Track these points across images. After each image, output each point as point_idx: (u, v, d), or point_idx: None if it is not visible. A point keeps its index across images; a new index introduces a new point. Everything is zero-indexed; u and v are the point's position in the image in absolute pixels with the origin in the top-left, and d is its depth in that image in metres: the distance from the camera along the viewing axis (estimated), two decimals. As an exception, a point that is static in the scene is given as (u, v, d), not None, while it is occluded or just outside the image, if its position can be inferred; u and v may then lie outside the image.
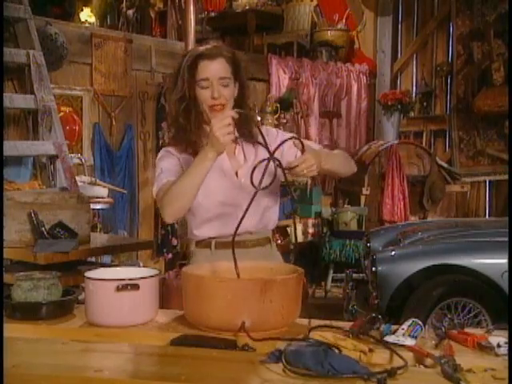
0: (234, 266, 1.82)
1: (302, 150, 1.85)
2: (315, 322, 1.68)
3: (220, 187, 1.98)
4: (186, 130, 2.00)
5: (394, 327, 1.60)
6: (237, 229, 1.72)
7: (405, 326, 1.60)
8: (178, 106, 1.99)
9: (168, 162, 2.00)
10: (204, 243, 2.06)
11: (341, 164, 2.08)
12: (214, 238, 2.03)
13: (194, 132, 2.00)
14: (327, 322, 1.68)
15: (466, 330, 1.61)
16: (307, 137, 6.84)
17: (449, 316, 3.66)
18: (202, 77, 1.95)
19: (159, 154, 2.06)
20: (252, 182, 1.72)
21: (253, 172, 1.73)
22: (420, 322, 1.62)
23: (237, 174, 2.03)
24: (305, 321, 1.71)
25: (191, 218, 2.07)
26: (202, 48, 1.98)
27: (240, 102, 2.04)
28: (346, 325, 1.64)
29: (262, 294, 1.56)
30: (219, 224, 2.00)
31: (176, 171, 1.97)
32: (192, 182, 1.85)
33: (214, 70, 1.95)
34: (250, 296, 1.57)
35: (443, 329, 1.59)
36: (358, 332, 1.56)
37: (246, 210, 1.71)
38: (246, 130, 2.04)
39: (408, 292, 3.80)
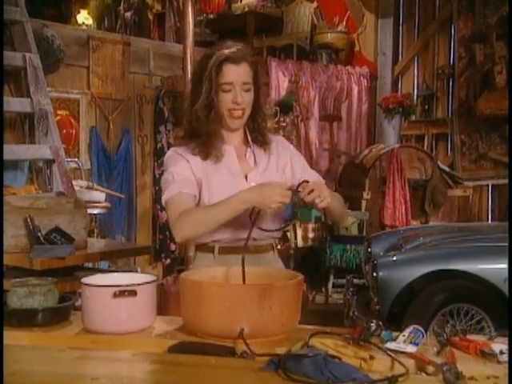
0: (232, 271, 1.83)
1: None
2: (315, 329, 1.68)
3: (228, 190, 1.96)
4: (201, 129, 1.99)
5: (395, 334, 1.60)
6: (247, 240, 1.75)
7: (406, 332, 1.60)
8: (205, 112, 1.98)
9: (179, 166, 1.99)
10: (206, 248, 2.03)
11: (341, 206, 2.09)
12: (217, 242, 2.01)
13: (210, 133, 2.00)
14: (327, 329, 1.67)
15: (469, 336, 1.61)
16: (307, 140, 6.85)
17: (451, 322, 3.66)
18: (227, 80, 1.96)
19: (168, 153, 2.05)
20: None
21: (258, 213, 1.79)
22: (421, 329, 1.62)
23: (246, 177, 2.03)
24: (305, 327, 1.71)
25: None
26: (228, 51, 1.99)
27: (256, 108, 2.05)
28: (347, 331, 1.64)
29: (261, 300, 1.56)
30: (224, 228, 1.97)
31: (187, 179, 1.97)
32: (216, 218, 1.87)
33: (239, 74, 1.97)
34: (249, 302, 1.57)
35: (445, 335, 1.59)
36: (359, 339, 1.56)
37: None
38: (258, 134, 2.07)
39: (409, 298, 3.80)
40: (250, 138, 2.07)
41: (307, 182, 1.84)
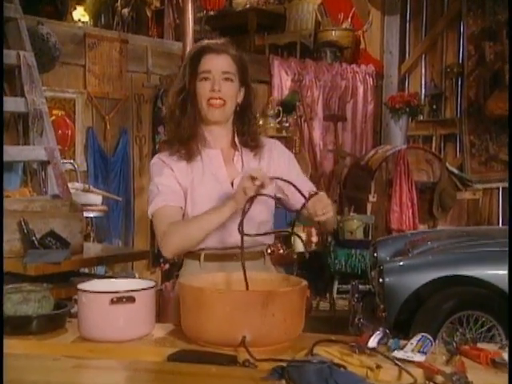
0: (233, 277, 1.83)
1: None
2: (319, 337, 1.67)
3: (213, 196, 1.96)
4: (181, 126, 1.99)
5: (402, 342, 1.60)
6: (243, 266, 1.73)
7: (414, 340, 1.60)
8: (175, 98, 1.99)
9: (164, 175, 1.98)
10: (193, 255, 2.02)
11: (335, 216, 2.02)
12: (203, 249, 2.00)
13: (188, 129, 1.99)
14: (332, 337, 1.67)
15: (479, 345, 1.60)
16: (311, 141, 6.85)
17: (460, 330, 3.66)
18: (204, 69, 1.96)
19: (152, 161, 2.05)
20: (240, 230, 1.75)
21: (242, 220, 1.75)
22: (430, 337, 1.62)
23: (232, 183, 2.00)
24: (309, 335, 1.71)
25: None
26: (207, 41, 2.01)
27: (245, 108, 2.04)
28: (352, 339, 1.64)
29: (263, 306, 1.56)
30: (209, 235, 1.95)
31: (173, 190, 1.96)
32: (202, 229, 1.90)
33: (218, 63, 1.97)
34: (251, 309, 1.57)
35: (454, 344, 1.58)
36: (365, 347, 1.56)
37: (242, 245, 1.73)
38: (248, 137, 2.04)
39: (417, 305, 3.79)
40: (238, 141, 2.05)
41: (316, 193, 1.81)
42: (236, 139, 2.05)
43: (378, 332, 1.61)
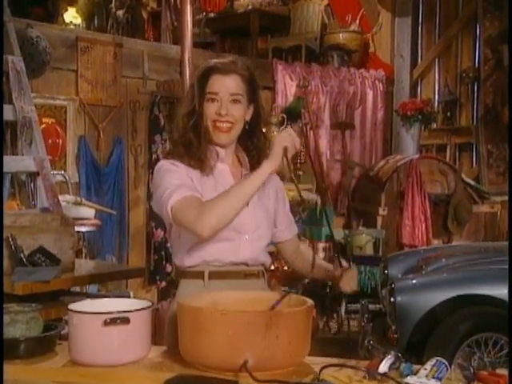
0: (234, 296, 1.83)
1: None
2: (327, 361, 1.67)
3: None
4: (193, 145, 2.03)
5: (415, 367, 1.60)
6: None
7: (428, 365, 1.59)
8: (186, 120, 2.04)
9: (179, 174, 1.99)
10: (193, 273, 2.03)
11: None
12: (206, 265, 2.02)
13: (200, 148, 2.03)
14: (340, 361, 1.67)
15: (498, 370, 1.60)
16: (317, 150, 6.86)
17: (478, 354, 3.62)
18: (212, 90, 2.01)
19: (161, 166, 2.04)
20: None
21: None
22: (445, 362, 1.61)
23: None
24: (315, 359, 1.70)
25: (180, 242, 2.04)
26: (215, 60, 2.05)
27: (253, 126, 2.10)
28: (362, 363, 1.63)
29: (267, 328, 1.56)
30: (216, 250, 1.99)
31: (191, 186, 1.97)
32: (242, 197, 1.89)
33: (225, 84, 2.01)
34: (254, 331, 1.57)
35: (472, 369, 1.58)
36: (376, 372, 1.55)
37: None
38: (254, 161, 2.09)
39: (431, 326, 3.78)
40: (246, 159, 2.11)
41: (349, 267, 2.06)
42: (245, 158, 2.11)
43: (389, 356, 1.61)
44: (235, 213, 1.89)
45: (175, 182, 1.95)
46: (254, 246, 2.04)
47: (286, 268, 5.78)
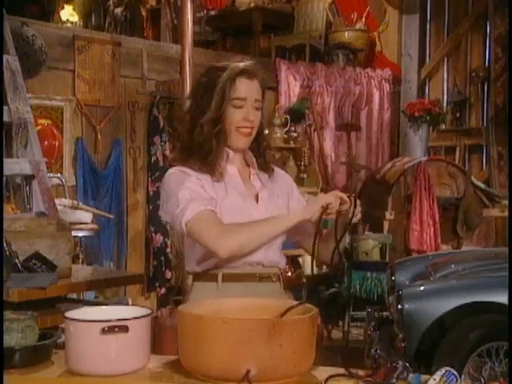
0: (236, 303, 1.83)
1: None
2: (332, 370, 1.67)
3: (239, 209, 2.05)
4: (211, 152, 2.06)
5: (424, 377, 1.59)
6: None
7: (437, 375, 1.59)
8: (210, 127, 2.04)
9: (192, 183, 2.02)
10: (207, 276, 2.07)
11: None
12: (220, 267, 2.05)
13: (218, 155, 2.07)
14: (346, 370, 1.67)
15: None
16: (321, 152, 6.87)
17: (489, 364, 3.63)
18: (239, 95, 2.04)
19: (171, 175, 2.07)
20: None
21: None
22: (455, 372, 1.61)
23: (257, 198, 2.11)
24: (320, 368, 1.70)
25: (195, 248, 2.07)
26: (243, 64, 2.07)
27: (260, 130, 2.14)
28: (368, 373, 1.63)
29: (270, 337, 1.56)
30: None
31: (204, 196, 2.01)
32: (267, 234, 2.00)
33: (252, 90, 2.06)
34: (257, 340, 1.56)
35: (482, 380, 1.58)
36: (382, 382, 1.55)
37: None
38: (262, 160, 2.17)
39: (440, 334, 3.78)
40: (255, 162, 2.16)
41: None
42: (252, 158, 2.15)
43: (396, 365, 1.60)
44: (255, 245, 2.00)
45: (187, 195, 1.99)
46: (267, 245, 2.06)
47: (289, 274, 5.79)
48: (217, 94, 2.03)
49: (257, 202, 2.11)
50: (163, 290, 5.91)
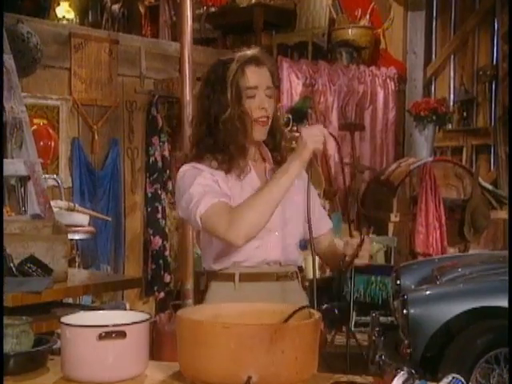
0: (237, 308, 1.83)
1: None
2: (335, 377, 1.67)
3: None
4: (227, 144, 2.05)
5: (430, 384, 1.59)
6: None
7: (443, 382, 1.59)
8: (237, 123, 2.03)
9: (205, 178, 2.02)
10: (224, 275, 2.08)
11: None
12: (237, 267, 2.06)
13: (236, 148, 2.05)
14: (349, 377, 1.67)
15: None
16: (324, 153, 6.86)
17: (497, 371, 3.63)
18: (251, 84, 2.02)
19: (185, 172, 2.07)
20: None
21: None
22: (462, 379, 1.61)
23: None
24: (323, 375, 1.70)
25: (212, 246, 2.09)
26: (250, 52, 2.07)
27: (273, 121, 2.12)
28: (373, 380, 1.63)
29: (272, 342, 1.55)
30: (245, 249, 2.02)
31: (217, 190, 2.01)
32: (273, 199, 1.94)
33: (262, 77, 2.05)
34: (258, 345, 1.56)
35: (490, 386, 1.58)
36: (388, 389, 1.55)
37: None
38: (277, 154, 2.14)
39: (447, 340, 3.78)
40: (269, 154, 2.14)
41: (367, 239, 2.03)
42: (268, 152, 2.15)
43: (401, 372, 1.60)
44: (266, 219, 1.94)
45: (200, 189, 1.99)
46: (284, 243, 2.07)
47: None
48: (231, 87, 2.01)
49: None
50: (162, 295, 5.91)
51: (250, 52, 2.06)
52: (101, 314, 1.92)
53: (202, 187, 1.99)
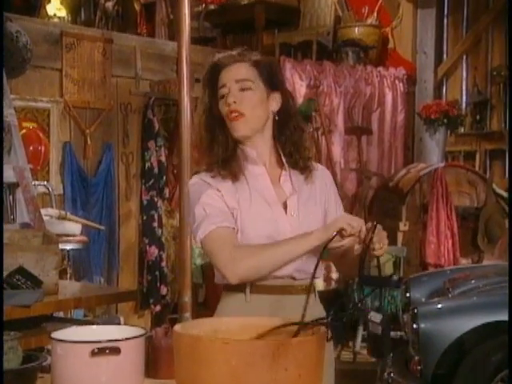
0: (237, 323, 1.83)
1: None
2: (342, 396, 1.67)
3: (264, 218, 2.05)
4: (221, 151, 2.07)
5: (442, 403, 1.59)
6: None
7: (456, 401, 1.59)
8: (217, 124, 2.08)
9: (209, 196, 2.05)
10: (237, 285, 2.07)
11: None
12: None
13: (225, 152, 2.08)
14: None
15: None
16: (329, 158, 6.87)
17: (512, 389, 3.64)
18: (220, 85, 2.06)
19: (192, 181, 2.12)
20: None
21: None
22: (475, 397, 1.61)
23: (285, 205, 2.09)
24: (329, 394, 1.70)
25: None
26: (220, 55, 2.10)
27: (284, 118, 2.12)
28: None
29: (274, 360, 1.55)
30: None
31: (221, 210, 2.03)
32: (282, 258, 1.98)
33: (231, 74, 2.06)
34: (260, 362, 1.56)
35: (505, 405, 1.58)
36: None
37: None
38: (297, 157, 2.12)
39: (459, 356, 3.78)
40: (285, 160, 2.12)
41: (376, 225, 1.98)
42: (282, 157, 2.13)
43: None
44: (269, 270, 1.99)
45: (202, 211, 2.03)
46: (300, 259, 2.04)
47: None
48: (202, 90, 2.10)
49: (285, 210, 2.08)
50: (158, 308, 5.91)
51: (220, 55, 2.11)
52: (94, 328, 1.92)
53: (204, 209, 2.02)
